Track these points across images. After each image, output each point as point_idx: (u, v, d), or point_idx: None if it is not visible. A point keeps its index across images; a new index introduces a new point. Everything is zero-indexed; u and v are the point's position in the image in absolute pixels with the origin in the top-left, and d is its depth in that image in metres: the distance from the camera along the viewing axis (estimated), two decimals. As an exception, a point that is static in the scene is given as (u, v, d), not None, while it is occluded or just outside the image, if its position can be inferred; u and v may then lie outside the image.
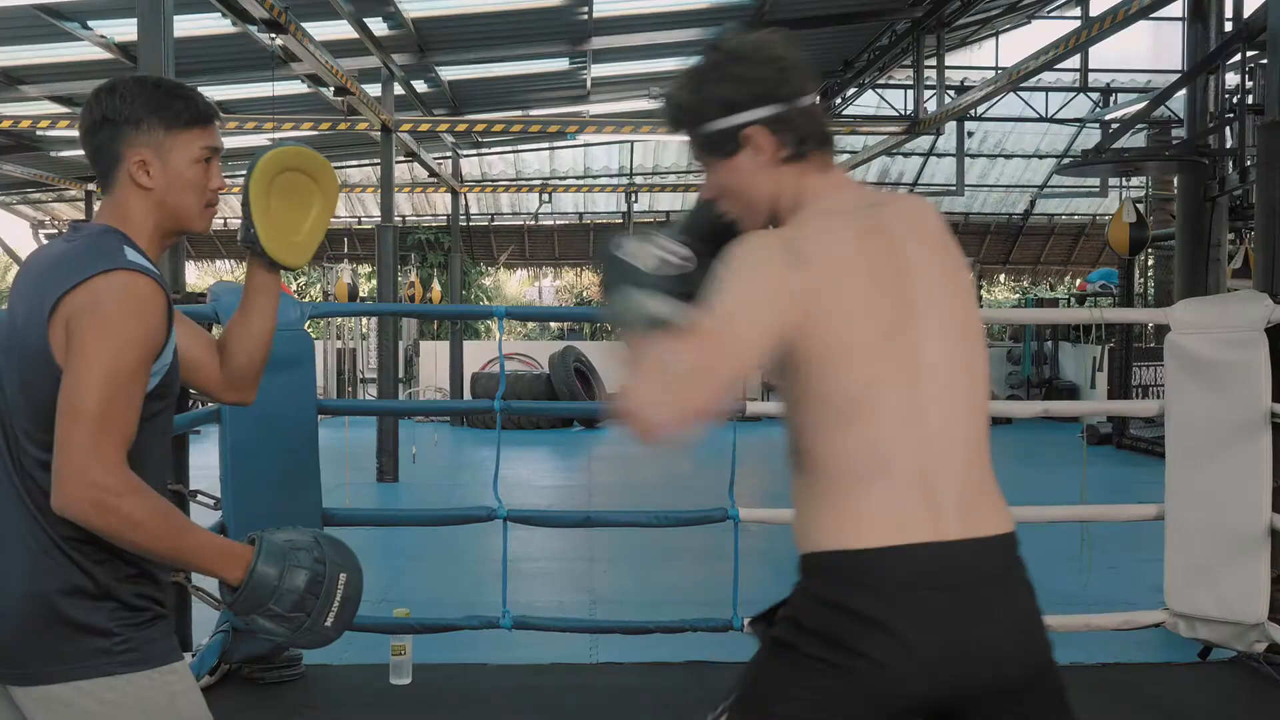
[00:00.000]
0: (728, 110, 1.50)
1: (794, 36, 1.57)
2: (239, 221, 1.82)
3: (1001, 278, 22.86)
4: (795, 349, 1.45)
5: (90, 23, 8.86)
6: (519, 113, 14.03)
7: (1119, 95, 15.20)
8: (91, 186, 16.59)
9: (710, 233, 1.59)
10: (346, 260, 17.46)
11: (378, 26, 9.62)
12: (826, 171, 1.55)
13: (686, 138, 1.57)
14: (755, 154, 1.51)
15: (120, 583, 1.60)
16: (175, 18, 4.78)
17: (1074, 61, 11.98)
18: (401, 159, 14.15)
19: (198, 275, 21.11)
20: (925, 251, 1.52)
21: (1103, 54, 12.06)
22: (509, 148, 17.36)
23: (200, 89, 1.82)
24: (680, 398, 1.37)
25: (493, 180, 18.43)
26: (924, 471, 1.47)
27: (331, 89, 9.57)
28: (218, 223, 19.12)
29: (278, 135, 11.42)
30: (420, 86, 12.07)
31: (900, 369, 1.47)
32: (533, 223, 20.09)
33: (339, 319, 16.45)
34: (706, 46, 1.55)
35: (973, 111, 13.36)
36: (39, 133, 12.05)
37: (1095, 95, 15.34)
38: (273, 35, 7.34)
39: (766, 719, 1.47)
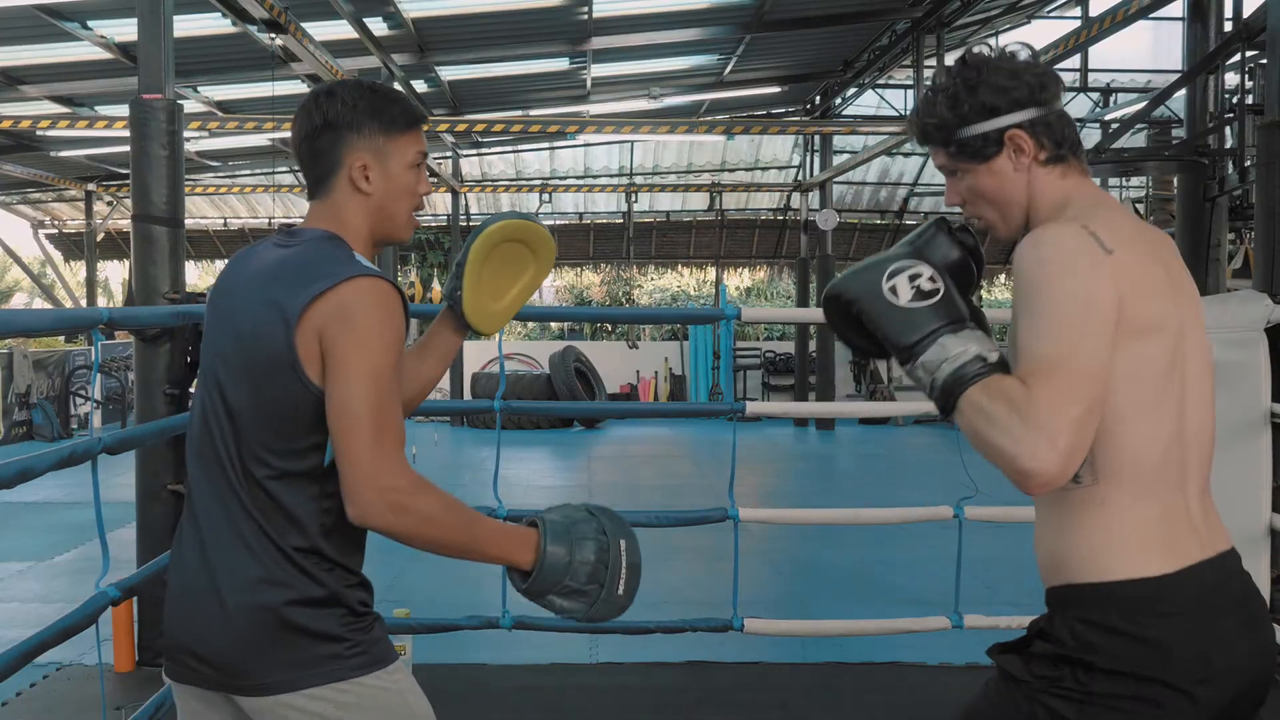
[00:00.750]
0: (989, 115, 1.53)
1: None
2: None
3: (1002, 278, 22.86)
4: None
5: (90, 23, 8.86)
6: (519, 113, 14.02)
7: (1119, 95, 15.19)
8: (92, 187, 16.59)
9: (951, 248, 1.59)
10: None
11: (377, 26, 9.62)
12: (1085, 175, 1.58)
13: (940, 146, 1.59)
14: (1016, 155, 1.54)
15: (347, 589, 1.61)
16: (175, 18, 4.78)
17: (1074, 61, 11.97)
18: (401, 159, 14.17)
19: (198, 275, 21.10)
20: (1178, 264, 1.56)
21: (1103, 54, 12.06)
22: (509, 148, 17.36)
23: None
24: (1057, 444, 1.32)
25: (493, 180, 18.42)
26: (1185, 482, 1.46)
27: (331, 89, 9.56)
28: (218, 223, 19.14)
29: (278, 135, 11.42)
30: (420, 86, 12.07)
31: (1179, 369, 1.47)
32: (533, 223, 20.06)
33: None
34: (958, 63, 1.58)
35: (973, 111, 13.33)
36: (39, 133, 12.04)
37: (1095, 95, 15.33)
38: (273, 35, 7.34)
39: None
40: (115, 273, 22.11)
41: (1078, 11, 10.89)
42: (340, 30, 9.17)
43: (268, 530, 1.57)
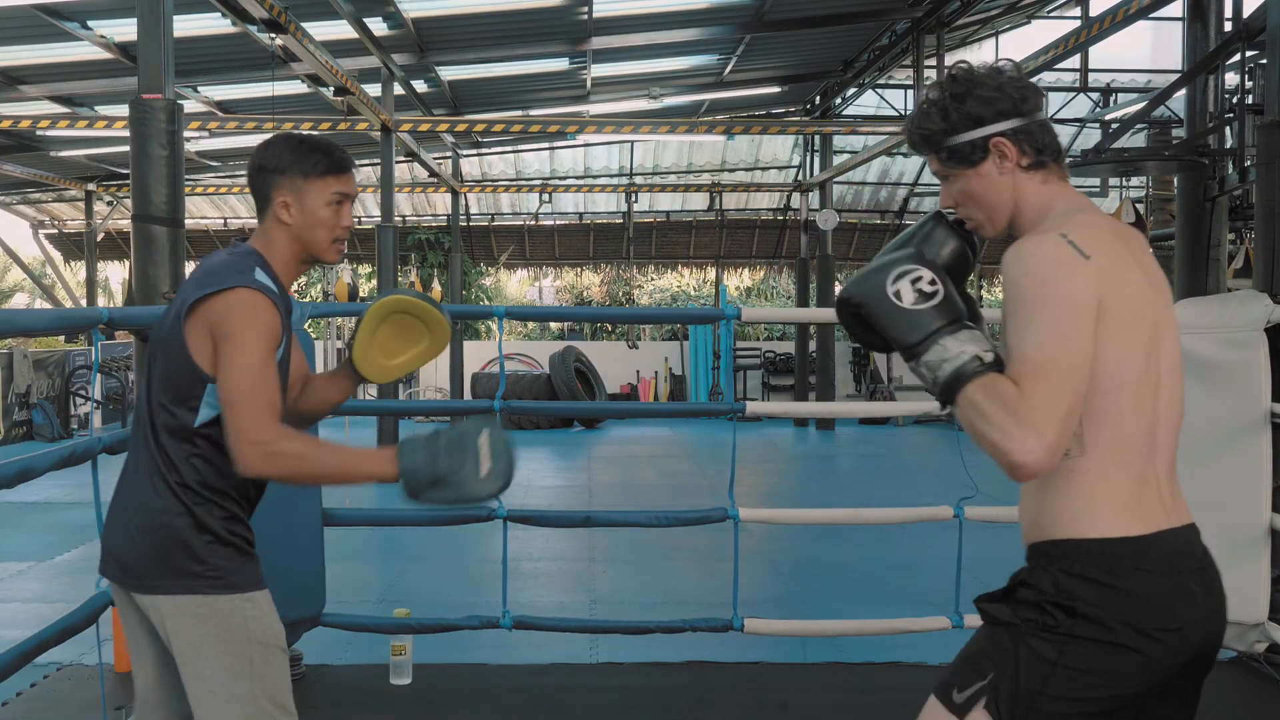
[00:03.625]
0: (976, 124, 1.69)
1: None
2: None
3: (1001, 278, 22.86)
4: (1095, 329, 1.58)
5: (90, 23, 8.86)
6: (519, 113, 14.02)
7: (1119, 95, 15.19)
8: (91, 187, 16.60)
9: (946, 245, 1.76)
10: (346, 260, 17.45)
11: (378, 26, 9.62)
12: (1065, 181, 1.73)
13: (933, 153, 1.75)
14: (1001, 161, 1.69)
15: (216, 520, 2.01)
16: (175, 17, 4.78)
17: (1074, 61, 11.97)
18: (401, 159, 14.16)
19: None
20: (1152, 261, 1.71)
21: (1103, 54, 12.05)
22: (509, 148, 17.35)
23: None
24: (1045, 439, 1.49)
25: (493, 180, 18.42)
26: (1156, 457, 1.65)
27: (331, 89, 9.56)
28: (218, 223, 19.15)
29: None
30: (420, 86, 12.07)
31: (1155, 357, 1.64)
32: (533, 223, 20.07)
33: (339, 319, 16.44)
34: (948, 77, 1.74)
35: (973, 111, 13.33)
36: (39, 133, 12.05)
37: (1095, 95, 15.34)
38: (273, 35, 7.34)
39: (1037, 699, 1.56)
40: (115, 273, 22.10)
41: (1078, 11, 10.88)
42: (340, 30, 9.17)
43: (160, 468, 2.01)
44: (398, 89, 10.88)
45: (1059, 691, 1.55)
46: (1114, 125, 13.64)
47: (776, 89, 14.59)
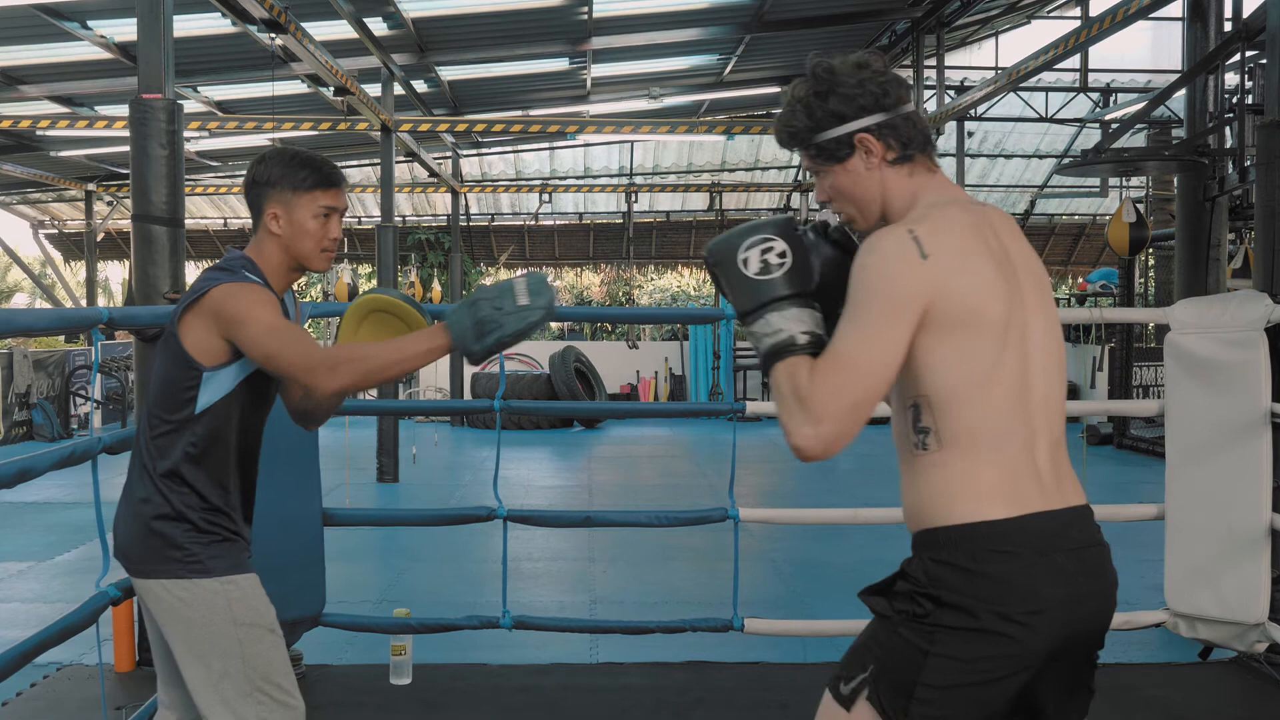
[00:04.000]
0: (839, 121, 1.70)
1: (877, 55, 1.75)
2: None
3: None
4: (927, 330, 1.60)
5: (90, 23, 8.86)
6: (519, 113, 14.02)
7: (1119, 95, 15.18)
8: (92, 187, 16.60)
9: (824, 246, 1.77)
10: (346, 260, 17.46)
11: (378, 26, 9.62)
12: (932, 172, 1.75)
13: (802, 150, 1.76)
14: (866, 156, 1.71)
15: (191, 509, 2.13)
16: (175, 17, 4.78)
17: (1074, 61, 11.97)
18: (401, 159, 14.16)
19: (198, 275, 21.10)
20: (1020, 245, 1.72)
21: (1103, 54, 12.05)
22: (509, 148, 17.36)
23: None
24: (819, 429, 1.55)
25: (493, 180, 18.42)
26: (1032, 443, 1.64)
27: (331, 89, 9.56)
28: (217, 222, 19.16)
29: (278, 135, 11.42)
30: (420, 86, 12.07)
31: (1015, 346, 1.63)
32: (533, 223, 20.08)
33: (339, 319, 16.44)
34: (810, 74, 1.73)
35: (973, 111, 13.35)
36: (39, 133, 12.05)
37: (1095, 95, 15.33)
38: (273, 35, 7.33)
39: (910, 695, 1.59)
40: (115, 273, 22.12)
41: (1078, 11, 10.88)
42: (340, 30, 9.17)
43: (145, 459, 2.16)
44: (398, 89, 10.87)
45: (934, 680, 1.57)
46: (1114, 125, 13.65)
47: (776, 89, 14.58)
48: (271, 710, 2.12)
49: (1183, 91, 8.30)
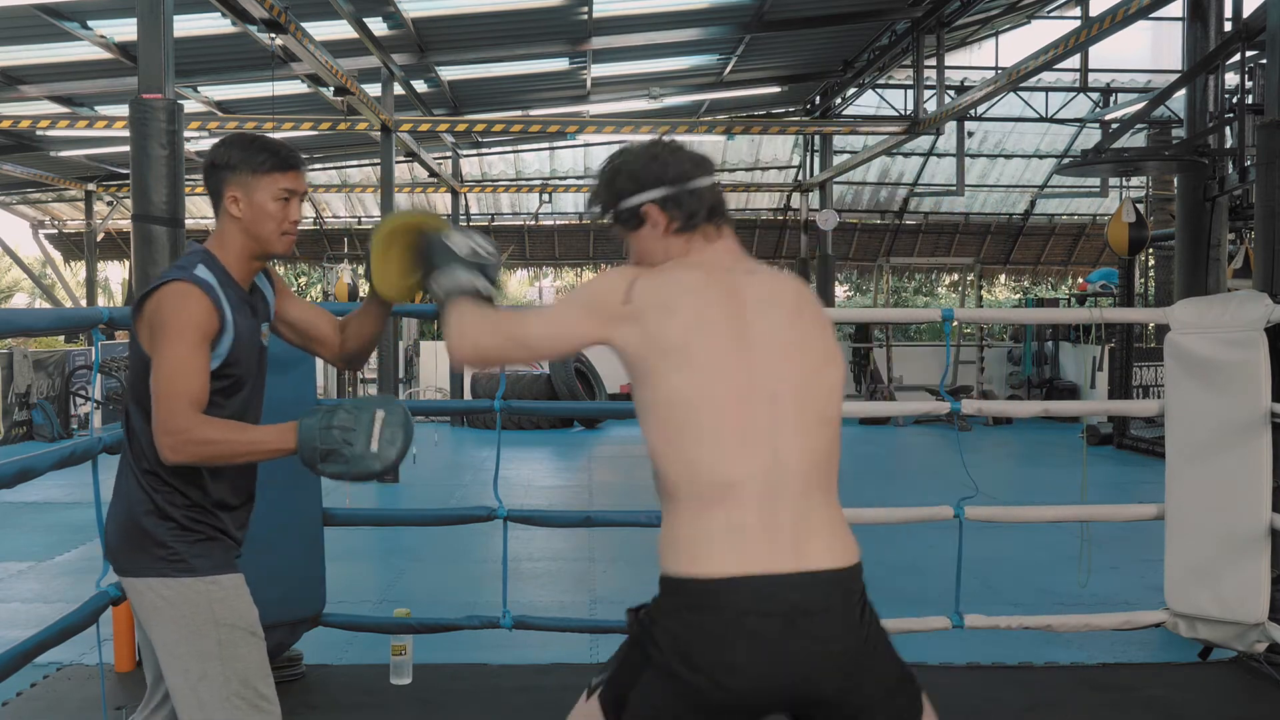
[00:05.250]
0: (628, 194, 1.90)
1: (678, 147, 1.97)
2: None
3: (1002, 278, 22.85)
4: (635, 372, 1.76)
5: (90, 23, 8.86)
6: (519, 113, 14.02)
7: (1119, 95, 15.19)
8: (91, 187, 16.60)
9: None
10: (346, 260, 17.44)
11: (378, 26, 9.62)
12: (711, 241, 1.89)
13: (607, 219, 1.95)
14: (653, 226, 1.89)
15: (176, 508, 2.12)
16: (175, 17, 4.78)
17: (1074, 61, 11.99)
18: (401, 159, 14.16)
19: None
20: (766, 295, 1.82)
21: (1103, 54, 12.06)
22: (509, 148, 17.36)
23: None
24: (479, 345, 1.85)
25: (493, 180, 18.42)
26: (763, 499, 1.69)
27: (331, 89, 9.56)
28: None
29: (278, 135, 11.42)
30: (420, 86, 12.07)
31: (735, 397, 1.71)
32: (533, 223, 20.08)
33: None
34: (614, 154, 1.97)
35: (973, 111, 13.36)
36: (39, 133, 12.05)
37: (1095, 95, 15.34)
38: (273, 35, 7.34)
39: (624, 704, 1.73)
40: (115, 273, 22.12)
41: (1078, 11, 10.88)
42: (340, 30, 9.17)
43: (130, 457, 2.15)
44: (398, 89, 10.88)
45: (642, 695, 1.70)
46: (1114, 125, 13.65)
47: (776, 89, 14.60)
48: (247, 715, 2.09)
49: (1183, 91, 8.31)
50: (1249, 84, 9.51)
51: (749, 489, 1.68)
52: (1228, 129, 8.59)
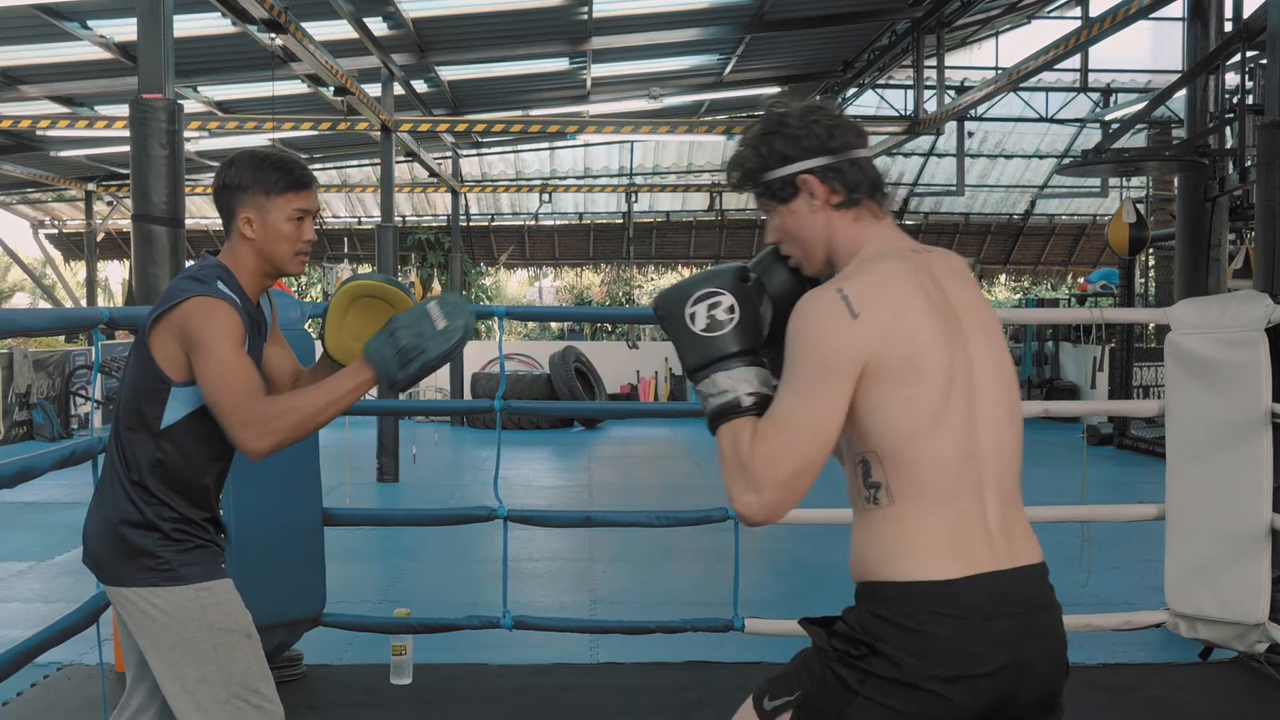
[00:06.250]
0: (784, 161, 1.71)
1: (830, 102, 1.77)
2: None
3: (1002, 278, 22.85)
4: (868, 387, 1.59)
5: (90, 22, 8.86)
6: (519, 113, 14.02)
7: (1119, 95, 15.18)
8: (91, 187, 16.60)
9: (777, 276, 1.78)
10: (346, 260, 17.45)
11: (377, 26, 9.61)
12: (879, 219, 1.73)
13: (750, 189, 1.77)
14: (810, 199, 1.71)
15: (162, 520, 2.11)
16: (175, 17, 4.78)
17: (1074, 61, 11.97)
18: (401, 159, 14.16)
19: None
20: (964, 290, 1.71)
21: (1103, 54, 12.05)
22: (509, 148, 17.35)
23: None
24: (761, 496, 1.57)
25: (493, 180, 18.42)
26: (981, 497, 1.62)
27: (331, 89, 9.56)
28: (217, 223, 19.12)
29: (278, 135, 11.42)
30: (420, 86, 12.06)
31: (961, 395, 1.61)
32: (533, 223, 20.08)
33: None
34: (762, 116, 1.76)
35: (973, 111, 13.35)
36: (39, 133, 12.04)
37: (1095, 95, 15.33)
38: (273, 35, 7.33)
39: None
40: (115, 273, 22.11)
41: (1078, 11, 10.88)
42: (340, 30, 9.17)
43: (118, 469, 2.13)
44: (398, 89, 10.87)
45: (863, 714, 1.58)
46: (1114, 125, 13.65)
47: (776, 89, 14.58)
48: (249, 716, 2.09)
49: (1183, 92, 8.30)
50: (1249, 84, 9.51)
51: (967, 486, 1.61)
52: (1228, 129, 8.58)
